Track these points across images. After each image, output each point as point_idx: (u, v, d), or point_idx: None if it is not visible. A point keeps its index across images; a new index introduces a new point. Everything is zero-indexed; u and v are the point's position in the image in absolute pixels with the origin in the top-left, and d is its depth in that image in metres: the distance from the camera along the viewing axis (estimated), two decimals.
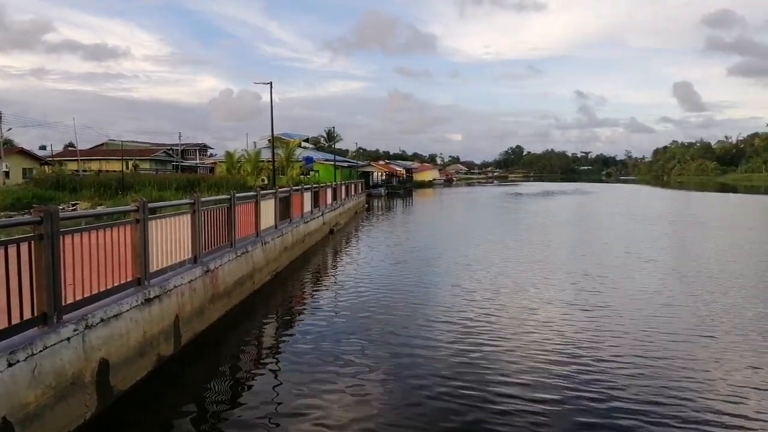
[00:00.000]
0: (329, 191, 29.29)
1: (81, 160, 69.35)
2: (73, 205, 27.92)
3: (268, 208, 15.53)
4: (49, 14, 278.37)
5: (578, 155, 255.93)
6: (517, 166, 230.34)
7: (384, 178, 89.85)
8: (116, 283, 6.95)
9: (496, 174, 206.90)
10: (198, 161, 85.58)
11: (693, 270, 15.54)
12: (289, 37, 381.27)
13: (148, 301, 7.49)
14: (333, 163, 63.20)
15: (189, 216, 9.64)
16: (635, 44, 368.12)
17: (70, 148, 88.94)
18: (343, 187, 36.12)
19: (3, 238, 5.25)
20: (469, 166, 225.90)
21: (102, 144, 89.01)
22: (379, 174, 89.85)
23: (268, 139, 44.32)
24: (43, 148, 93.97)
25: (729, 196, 64.32)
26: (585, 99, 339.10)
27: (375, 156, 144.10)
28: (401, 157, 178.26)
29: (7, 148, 61.87)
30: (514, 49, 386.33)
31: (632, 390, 6.88)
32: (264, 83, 34.24)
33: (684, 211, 41.32)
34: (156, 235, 8.16)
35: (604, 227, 29.38)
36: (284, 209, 17.75)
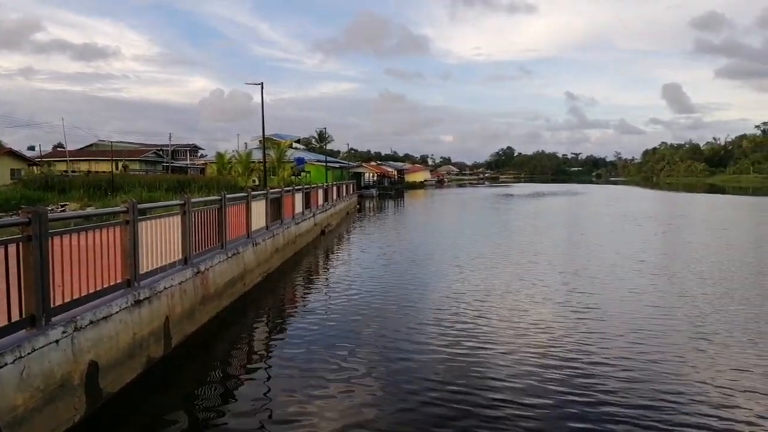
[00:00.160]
0: (321, 192, 29.26)
1: (70, 160, 68.76)
2: (62, 206, 27.70)
3: (259, 209, 15.48)
4: (37, 13, 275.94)
5: (568, 156, 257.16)
6: (508, 167, 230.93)
7: (375, 179, 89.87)
8: (106, 285, 6.90)
9: (487, 175, 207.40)
10: (188, 162, 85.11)
11: (682, 270, 15.64)
12: (280, 37, 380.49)
13: (138, 302, 7.45)
14: (324, 164, 63.14)
15: (179, 217, 9.60)
16: (625, 46, 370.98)
17: (59, 149, 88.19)
18: (335, 188, 36.09)
19: None
20: (461, 167, 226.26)
21: (91, 144, 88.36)
22: (371, 175, 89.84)
23: (259, 140, 44.22)
24: (31, 148, 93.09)
25: (718, 197, 64.84)
26: (575, 100, 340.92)
27: (366, 157, 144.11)
28: (393, 158, 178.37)
29: None
30: (505, 51, 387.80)
31: (623, 393, 6.90)
32: (255, 84, 34.27)
33: (673, 211, 41.61)
34: (146, 237, 8.11)
35: (595, 228, 29.54)
36: (275, 210, 17.71)
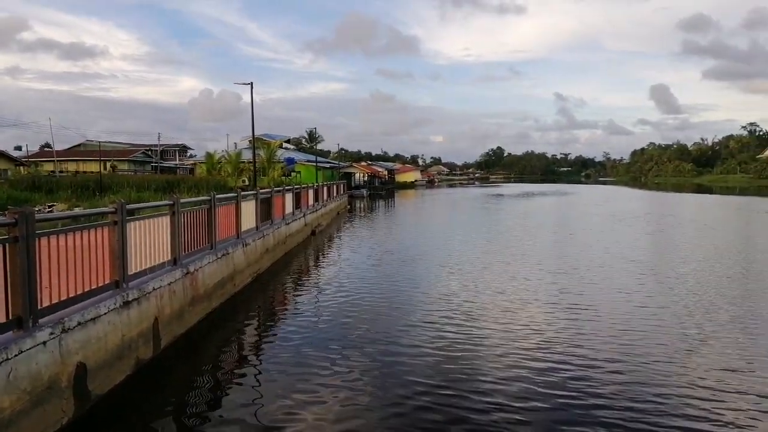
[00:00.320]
0: (311, 192, 29.21)
1: (57, 160, 68.30)
2: (49, 206, 27.42)
3: (248, 209, 15.43)
4: (24, 12, 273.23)
5: (558, 157, 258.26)
6: (498, 167, 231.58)
7: (366, 179, 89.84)
8: (94, 286, 6.84)
9: (477, 175, 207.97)
10: (177, 162, 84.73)
11: (671, 270, 15.78)
12: (269, 37, 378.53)
13: (127, 303, 7.40)
14: (315, 164, 63.10)
15: (168, 217, 9.55)
16: (613, 47, 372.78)
17: (46, 149, 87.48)
18: (325, 189, 36.04)
19: None
20: (451, 168, 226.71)
21: (79, 144, 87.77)
22: (361, 175, 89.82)
23: (249, 140, 44.05)
24: (18, 148, 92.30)
25: (705, 197, 65.46)
26: (564, 101, 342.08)
27: (357, 157, 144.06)
28: (383, 158, 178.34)
29: None
30: (494, 52, 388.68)
31: (612, 390, 6.96)
32: (244, 84, 34.04)
33: (661, 211, 41.94)
34: (135, 237, 8.06)
35: (584, 228, 29.72)
36: (265, 210, 17.65)
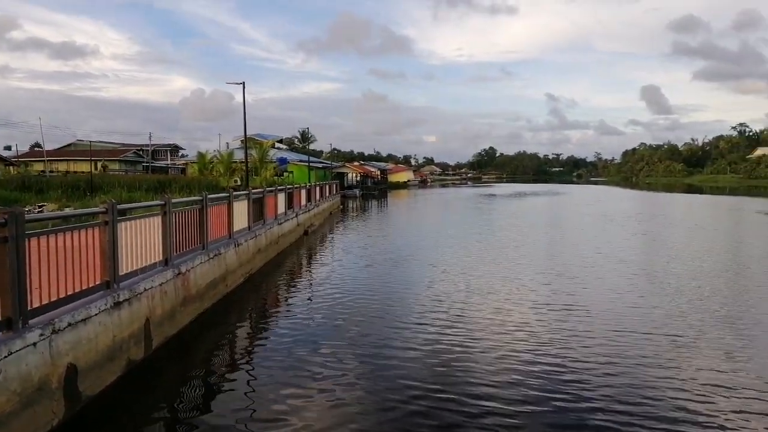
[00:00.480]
0: (303, 192, 29.17)
1: (48, 160, 67.78)
2: (39, 206, 27.21)
3: (241, 209, 15.39)
4: (14, 11, 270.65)
5: (550, 157, 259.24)
6: (490, 167, 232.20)
7: (359, 179, 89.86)
8: (84, 287, 6.81)
9: (470, 175, 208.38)
10: (169, 162, 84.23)
11: (662, 270, 15.88)
12: (261, 37, 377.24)
13: (118, 304, 7.36)
14: (307, 164, 62.93)
15: (160, 218, 9.51)
16: (604, 48, 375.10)
17: (36, 149, 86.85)
18: (318, 188, 36.01)
19: None
20: (444, 168, 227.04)
21: (70, 144, 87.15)
22: (354, 175, 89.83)
23: (241, 140, 43.86)
24: (8, 148, 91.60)
25: (696, 197, 65.92)
26: (556, 102, 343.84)
27: (349, 157, 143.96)
28: (376, 158, 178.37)
29: None
30: (486, 52, 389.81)
31: (605, 391, 6.99)
32: (236, 83, 33.81)
33: (652, 211, 42.20)
34: (126, 238, 8.02)
35: (576, 228, 29.87)
36: (258, 210, 17.61)
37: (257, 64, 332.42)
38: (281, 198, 22.23)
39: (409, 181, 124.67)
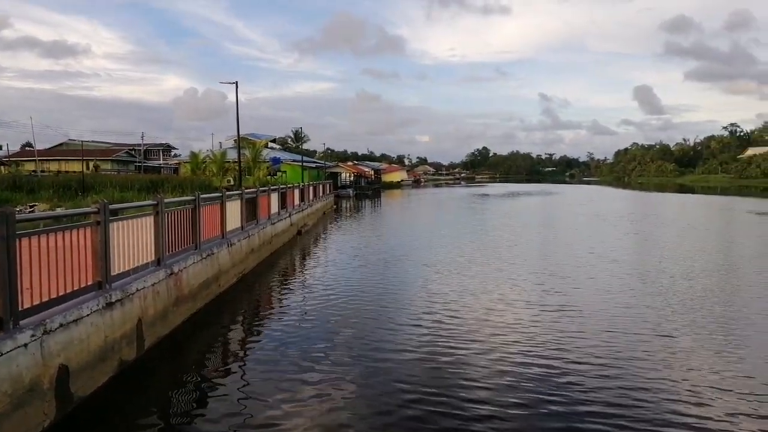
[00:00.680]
0: (297, 192, 29.14)
1: (39, 160, 67.29)
2: (30, 206, 27.03)
3: (234, 209, 15.35)
4: (4, 9, 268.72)
5: (542, 157, 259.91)
6: (484, 167, 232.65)
7: (352, 179, 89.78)
8: (76, 287, 6.77)
9: (463, 175, 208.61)
10: (162, 162, 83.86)
11: (654, 270, 15.96)
12: (255, 36, 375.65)
13: (110, 305, 7.32)
14: (300, 163, 62.82)
15: (152, 218, 9.47)
16: (597, 48, 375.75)
17: (27, 148, 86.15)
18: (311, 188, 35.98)
19: None
20: (437, 167, 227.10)
21: (61, 144, 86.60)
22: (348, 175, 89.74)
23: (234, 140, 43.73)
24: None
25: (688, 196, 66.30)
26: (549, 102, 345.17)
27: (343, 157, 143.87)
28: (369, 158, 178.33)
29: None
30: (480, 52, 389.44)
31: (598, 392, 7.01)
32: (230, 83, 33.73)
33: (645, 211, 42.39)
34: (118, 238, 7.98)
35: (569, 228, 29.97)
36: (251, 210, 17.57)
37: (251, 63, 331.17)
38: (274, 198, 22.20)
39: (402, 181, 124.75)
